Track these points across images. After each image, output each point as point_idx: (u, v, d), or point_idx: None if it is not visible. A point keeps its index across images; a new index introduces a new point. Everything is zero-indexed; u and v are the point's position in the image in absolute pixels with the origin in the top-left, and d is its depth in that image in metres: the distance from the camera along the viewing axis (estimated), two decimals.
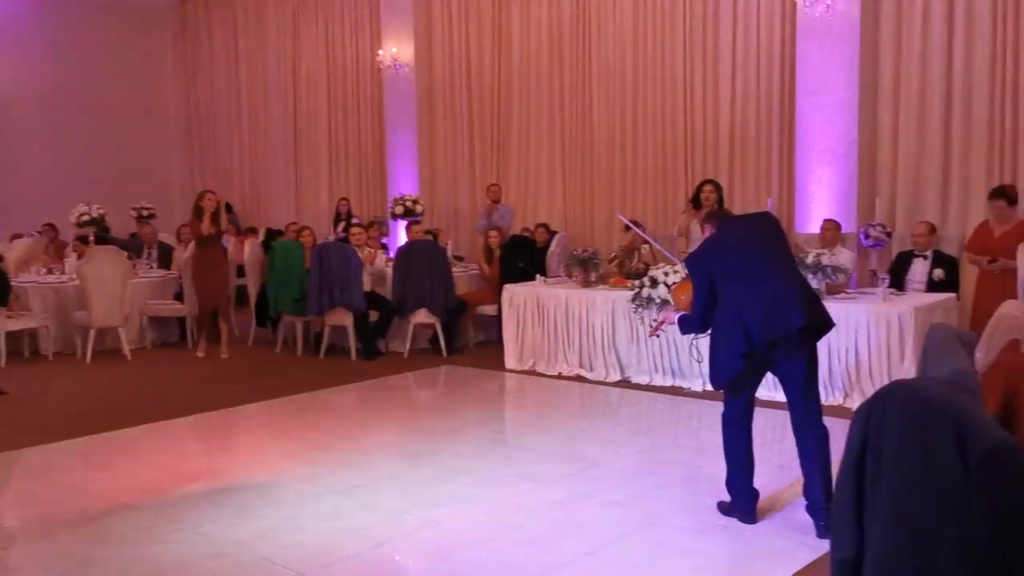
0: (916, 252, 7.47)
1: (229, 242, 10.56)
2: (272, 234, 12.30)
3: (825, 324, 4.19)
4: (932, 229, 7.53)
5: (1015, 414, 2.83)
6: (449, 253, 9.55)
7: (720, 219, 4.55)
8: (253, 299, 9.86)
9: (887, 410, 2.05)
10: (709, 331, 4.28)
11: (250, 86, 15.04)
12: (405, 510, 4.56)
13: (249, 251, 10.00)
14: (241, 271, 10.26)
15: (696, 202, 7.92)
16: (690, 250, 6.50)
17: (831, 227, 7.85)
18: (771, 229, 4.38)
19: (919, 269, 7.40)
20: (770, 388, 5.63)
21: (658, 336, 5.00)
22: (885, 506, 2.05)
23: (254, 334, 9.86)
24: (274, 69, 14.52)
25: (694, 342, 4.81)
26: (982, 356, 2.90)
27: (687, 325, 4.44)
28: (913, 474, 1.97)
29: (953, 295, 6.92)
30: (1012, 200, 6.87)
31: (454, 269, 9.27)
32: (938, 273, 7.27)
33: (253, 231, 12.23)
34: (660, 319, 4.95)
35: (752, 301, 4.06)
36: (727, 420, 4.31)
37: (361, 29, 13.24)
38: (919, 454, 1.95)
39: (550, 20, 11.28)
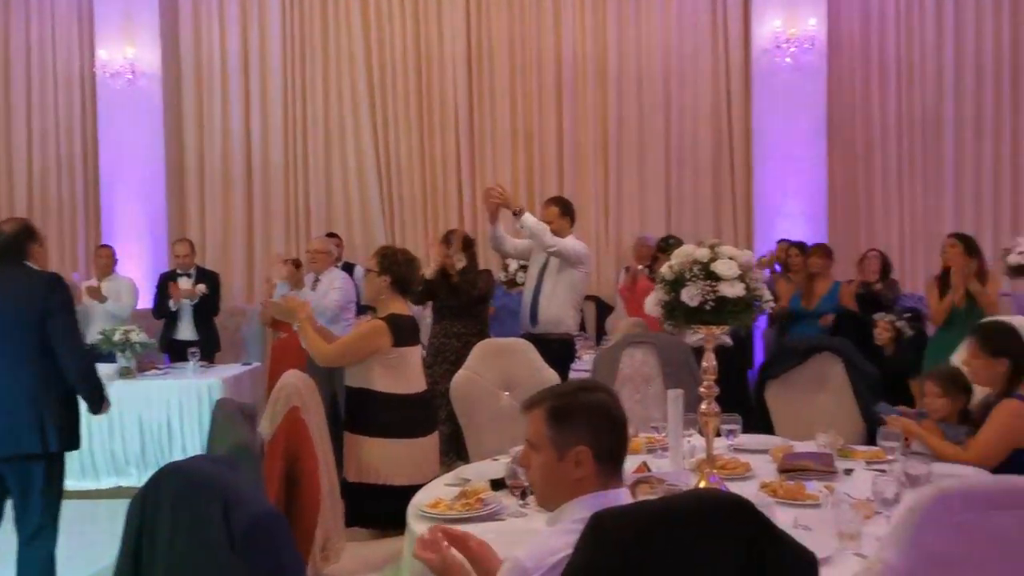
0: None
1: None
2: None
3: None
4: None
5: (297, 476, 3.05)
6: None
7: None
8: None
9: (161, 493, 2.03)
10: None
11: None
12: None
13: None
14: None
15: None
16: None
17: None
18: (27, 306, 3.47)
19: None
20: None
21: None
22: None
23: None
24: None
25: None
26: (267, 425, 3.07)
27: None
28: (187, 554, 1.96)
29: (259, 364, 7.26)
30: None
31: None
32: None
33: None
34: None
35: None
36: None
37: None
38: (192, 533, 1.95)
39: None
